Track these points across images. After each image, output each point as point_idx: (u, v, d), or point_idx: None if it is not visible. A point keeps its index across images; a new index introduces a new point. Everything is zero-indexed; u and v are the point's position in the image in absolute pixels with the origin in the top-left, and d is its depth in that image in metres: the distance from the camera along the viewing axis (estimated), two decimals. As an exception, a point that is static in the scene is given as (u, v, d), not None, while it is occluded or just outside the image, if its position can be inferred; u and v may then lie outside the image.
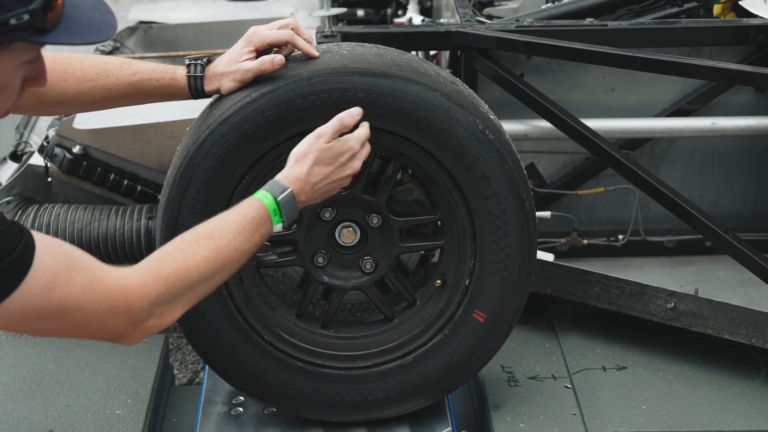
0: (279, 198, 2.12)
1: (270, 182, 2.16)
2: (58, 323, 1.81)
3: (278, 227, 2.12)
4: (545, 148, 3.26)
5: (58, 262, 1.79)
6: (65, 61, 2.40)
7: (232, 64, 2.39)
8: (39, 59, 1.81)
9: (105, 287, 1.84)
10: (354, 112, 2.29)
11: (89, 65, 2.41)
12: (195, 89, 2.43)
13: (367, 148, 2.30)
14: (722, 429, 2.68)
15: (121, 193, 3.16)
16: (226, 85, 2.40)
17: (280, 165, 2.27)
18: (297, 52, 2.46)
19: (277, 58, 2.37)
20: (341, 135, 2.25)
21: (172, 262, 1.94)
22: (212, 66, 2.42)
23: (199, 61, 2.42)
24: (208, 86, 2.42)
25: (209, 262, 1.97)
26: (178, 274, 1.92)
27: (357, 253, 2.63)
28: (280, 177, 2.18)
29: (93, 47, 4.32)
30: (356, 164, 2.26)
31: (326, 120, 2.36)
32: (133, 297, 1.86)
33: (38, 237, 1.78)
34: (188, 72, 2.42)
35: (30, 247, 1.75)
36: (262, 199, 2.11)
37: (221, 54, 2.45)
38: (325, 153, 2.22)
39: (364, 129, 2.29)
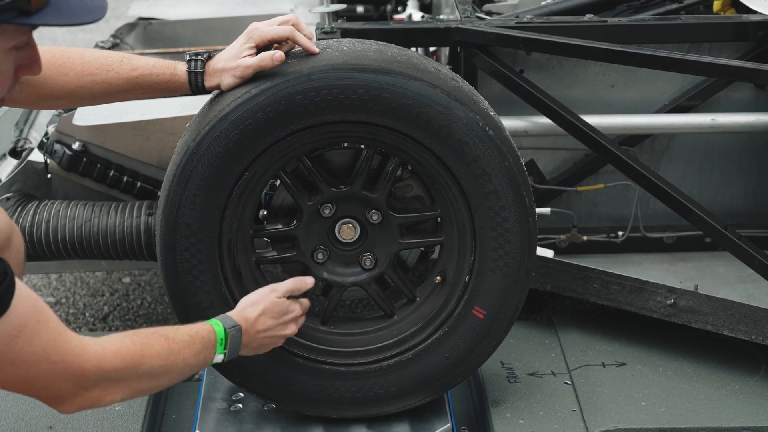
0: (228, 330, 2.24)
1: (222, 315, 2.29)
2: (8, 372, 1.84)
3: (219, 358, 2.23)
4: (545, 145, 3.26)
5: (29, 314, 1.82)
6: (65, 55, 2.40)
7: (232, 60, 2.40)
8: (31, 45, 1.81)
9: (65, 349, 1.88)
10: (309, 281, 2.47)
11: (89, 59, 2.41)
12: (195, 85, 2.43)
13: (303, 320, 2.46)
14: (722, 425, 2.69)
15: (121, 190, 3.15)
16: (226, 81, 2.40)
17: (280, 162, 2.27)
18: (297, 49, 2.46)
19: (277, 55, 2.38)
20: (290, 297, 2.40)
21: (132, 344, 2.00)
22: (212, 62, 2.42)
23: (199, 57, 2.42)
24: (209, 82, 2.42)
25: (161, 358, 2.05)
26: (134, 357, 1.99)
27: (357, 250, 2.63)
28: (232, 314, 2.30)
29: (93, 42, 4.32)
30: (294, 328, 2.42)
31: (326, 116, 2.37)
32: (88, 365, 1.91)
33: (19, 284, 1.80)
34: (188, 68, 2.42)
35: (10, 292, 1.77)
36: (214, 325, 2.22)
37: (221, 50, 2.45)
38: (274, 307, 2.36)
39: (307, 302, 2.47)
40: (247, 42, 2.39)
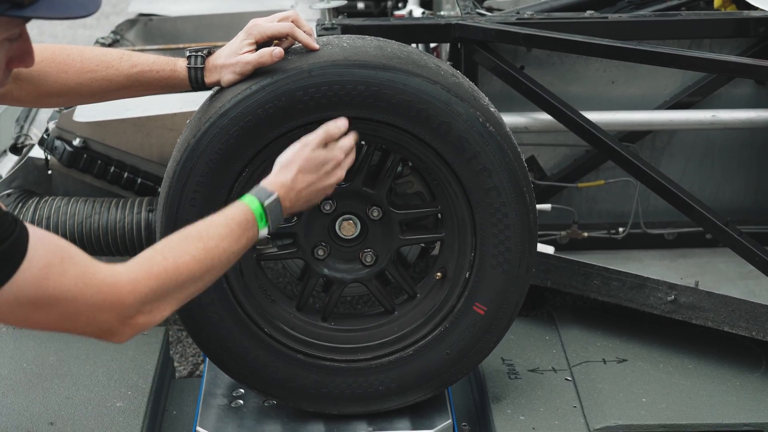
0: (265, 203, 2.13)
1: (256, 187, 2.17)
2: (49, 314, 1.82)
3: (264, 232, 2.13)
4: (546, 141, 3.26)
5: (51, 253, 1.80)
6: (65, 53, 2.40)
7: (232, 56, 2.39)
8: (24, 38, 1.81)
9: (97, 281, 1.85)
10: (340, 123, 2.30)
11: (89, 56, 2.41)
12: (195, 81, 2.43)
13: (352, 157, 2.31)
14: (722, 421, 2.69)
15: (122, 186, 3.16)
16: (226, 77, 2.40)
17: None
18: (297, 45, 2.46)
19: (276, 51, 2.37)
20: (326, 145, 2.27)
21: (163, 259, 1.94)
22: (212, 58, 2.42)
23: (199, 53, 2.42)
24: (209, 78, 2.42)
25: (198, 261, 1.98)
26: (168, 272, 1.93)
27: (357, 246, 2.63)
28: (266, 183, 2.19)
29: (93, 38, 4.32)
30: (340, 173, 2.27)
31: (326, 112, 2.36)
32: (124, 292, 1.87)
33: (32, 229, 1.79)
34: (189, 64, 2.42)
35: (24, 237, 1.75)
36: (248, 203, 2.12)
37: (221, 46, 2.45)
38: (310, 161, 2.22)
39: (350, 139, 2.30)
40: (247, 38, 2.39)
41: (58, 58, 2.38)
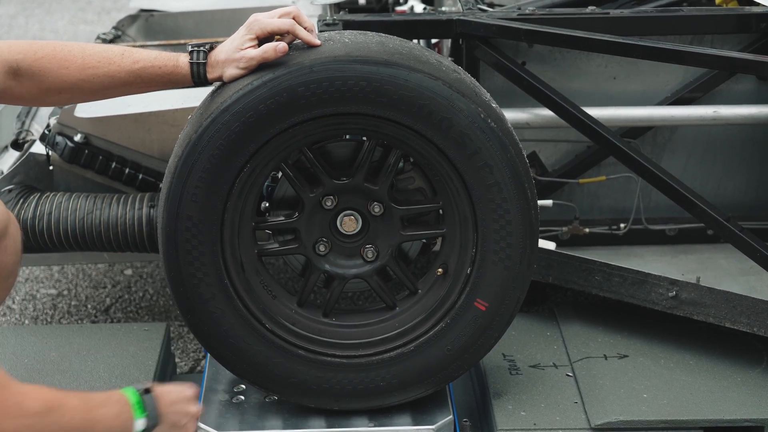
0: (140, 392, 2.26)
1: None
2: None
3: (140, 423, 2.23)
4: (547, 137, 3.26)
5: None
6: (66, 49, 2.39)
7: (235, 51, 2.39)
8: None
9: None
10: None
11: (90, 53, 2.41)
12: (198, 76, 2.42)
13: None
14: (723, 417, 2.69)
15: (123, 182, 3.15)
16: (229, 72, 2.40)
17: (282, 154, 2.26)
18: (298, 41, 2.46)
19: (280, 46, 2.37)
20: None
21: (49, 391, 2.11)
22: (214, 53, 2.42)
23: (201, 48, 2.42)
24: (211, 74, 2.42)
25: (81, 411, 2.13)
26: (53, 402, 2.10)
27: (358, 242, 2.63)
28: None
29: (94, 34, 4.31)
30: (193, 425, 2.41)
31: (328, 108, 2.36)
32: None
33: None
34: (191, 59, 2.41)
35: None
36: (123, 390, 2.24)
37: (223, 41, 2.45)
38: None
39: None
40: (248, 33, 2.39)
41: (59, 54, 2.38)
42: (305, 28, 2.42)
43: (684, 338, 3.02)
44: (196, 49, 2.42)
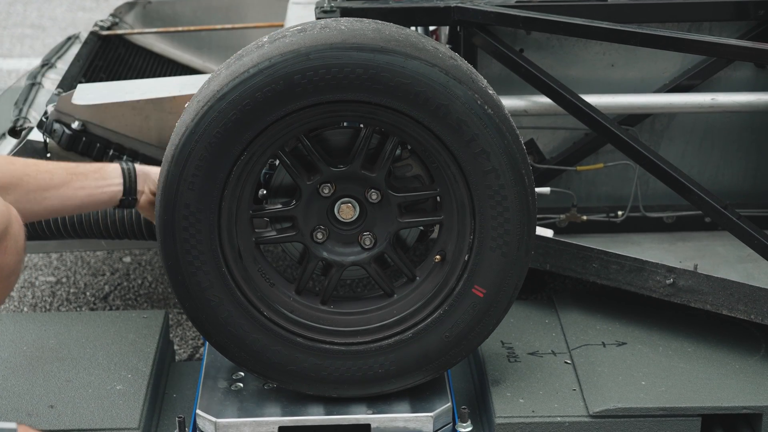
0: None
1: None
2: None
3: None
4: (545, 124, 3.26)
5: None
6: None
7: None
8: None
9: None
10: None
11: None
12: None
13: None
14: (721, 404, 2.69)
15: (121, 170, 3.15)
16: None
17: (279, 141, 2.25)
18: (296, 27, 2.45)
19: None
20: None
21: None
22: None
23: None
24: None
25: None
26: None
27: (356, 229, 2.63)
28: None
29: (92, 21, 4.30)
30: None
31: (324, 95, 2.36)
32: None
33: None
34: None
35: None
36: None
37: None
38: None
39: None
40: None
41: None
42: None
43: (682, 326, 3.02)
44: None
